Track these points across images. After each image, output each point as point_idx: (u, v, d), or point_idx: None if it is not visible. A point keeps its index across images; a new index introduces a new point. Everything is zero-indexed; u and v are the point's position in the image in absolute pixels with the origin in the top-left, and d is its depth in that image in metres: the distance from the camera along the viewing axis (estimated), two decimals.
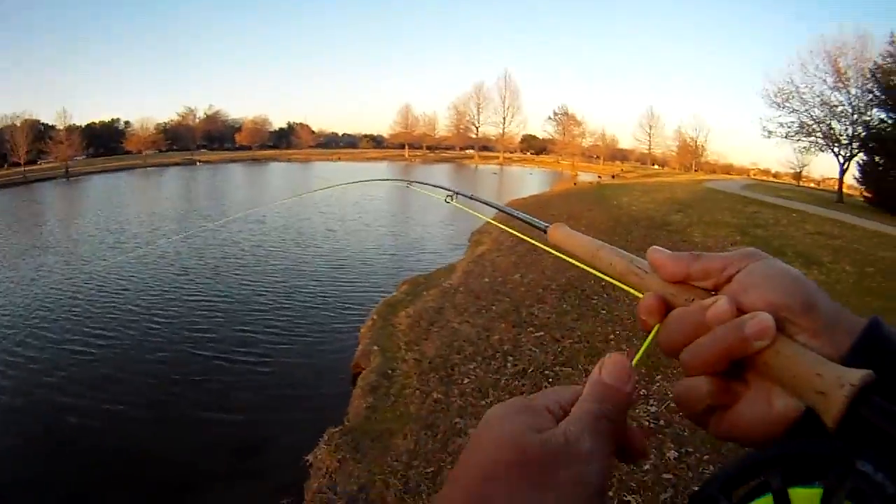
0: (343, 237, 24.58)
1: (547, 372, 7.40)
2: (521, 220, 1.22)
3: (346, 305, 14.17)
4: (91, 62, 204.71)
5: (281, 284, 16.43)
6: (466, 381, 7.70)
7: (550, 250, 0.94)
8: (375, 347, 9.95)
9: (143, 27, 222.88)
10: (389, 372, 8.69)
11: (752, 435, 0.48)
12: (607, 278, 0.71)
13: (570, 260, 0.87)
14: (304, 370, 10.68)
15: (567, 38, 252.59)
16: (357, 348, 10.43)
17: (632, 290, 0.63)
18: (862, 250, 15.40)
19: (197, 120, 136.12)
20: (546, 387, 6.47)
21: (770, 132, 40.54)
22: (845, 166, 37.44)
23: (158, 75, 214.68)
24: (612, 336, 8.58)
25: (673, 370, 6.51)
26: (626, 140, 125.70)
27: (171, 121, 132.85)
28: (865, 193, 37.47)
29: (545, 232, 0.93)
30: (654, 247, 0.58)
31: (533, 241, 1.17)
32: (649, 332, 0.55)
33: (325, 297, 15.03)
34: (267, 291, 15.60)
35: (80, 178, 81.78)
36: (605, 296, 10.61)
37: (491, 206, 1.84)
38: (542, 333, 9.02)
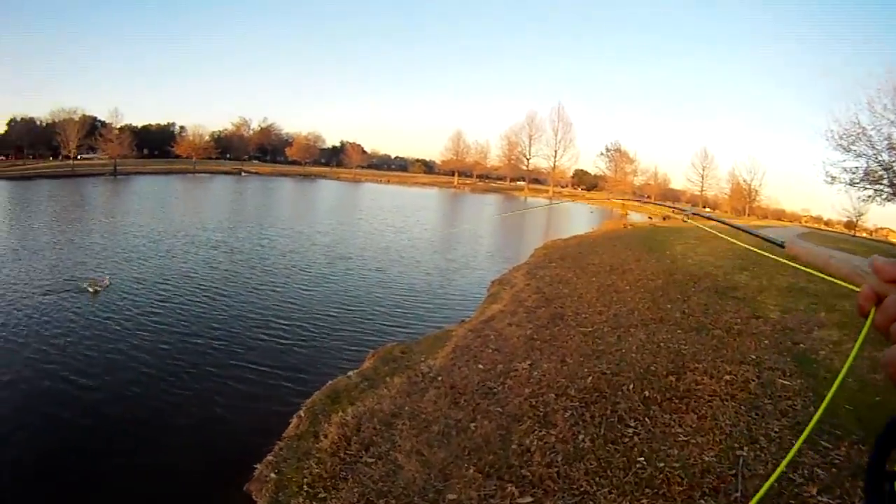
0: (333, 268, 21.40)
1: None
2: (757, 236, 1.90)
3: (288, 378, 10.52)
4: (149, 65, 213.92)
5: (226, 324, 13.45)
6: None
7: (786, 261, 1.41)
8: (273, 475, 6.44)
9: (203, 36, 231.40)
10: None
11: None
12: (838, 281, 1.01)
13: (806, 269, 1.29)
14: (195, 466, 7.45)
15: (621, 71, 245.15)
16: (262, 461, 7.00)
17: (852, 287, 0.90)
18: None
19: (251, 131, 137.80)
20: None
21: (833, 178, 35.35)
22: None
23: (215, 85, 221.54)
24: None
25: None
26: (678, 180, 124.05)
27: (225, 130, 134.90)
28: None
29: (783, 247, 1.39)
30: (876, 255, 0.81)
31: (770, 255, 2.00)
32: (866, 317, 0.78)
33: (271, 358, 11.43)
34: (205, 332, 12.61)
35: (128, 178, 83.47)
36: (646, 420, 6.67)
37: (724, 223, 3.33)
38: (530, 501, 5.13)
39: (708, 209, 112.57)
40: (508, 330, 11.21)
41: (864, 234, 77.89)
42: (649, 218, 69.06)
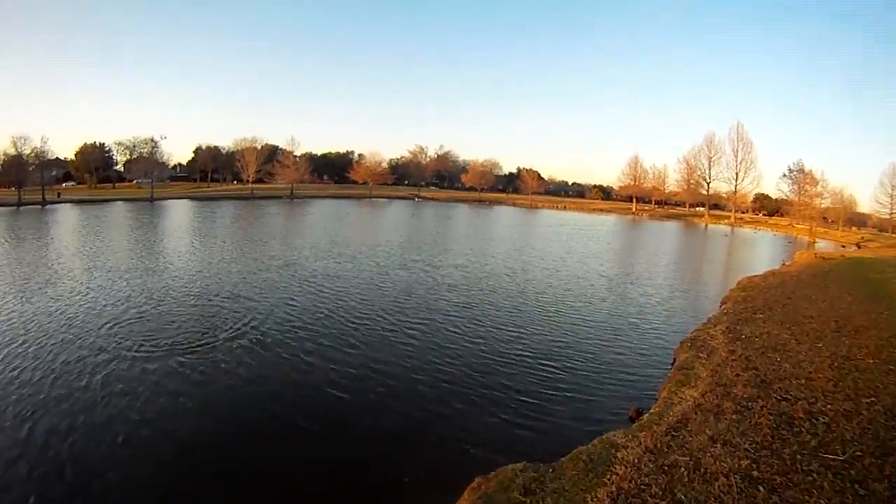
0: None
1: None
2: None
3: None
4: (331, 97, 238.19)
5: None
6: None
7: None
8: None
9: (383, 73, 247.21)
10: None
11: None
12: None
13: None
14: None
15: (802, 86, 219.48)
16: None
17: None
18: None
19: (427, 159, 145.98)
20: None
21: None
22: None
23: (392, 113, 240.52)
24: None
25: None
26: (865, 202, 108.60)
27: (403, 157, 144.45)
28: None
29: None
30: None
31: None
32: None
33: (301, 458, 8.46)
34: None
35: (304, 201, 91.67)
36: None
37: None
38: None
39: None
40: (711, 455, 6.86)
41: None
42: (842, 246, 61.54)
